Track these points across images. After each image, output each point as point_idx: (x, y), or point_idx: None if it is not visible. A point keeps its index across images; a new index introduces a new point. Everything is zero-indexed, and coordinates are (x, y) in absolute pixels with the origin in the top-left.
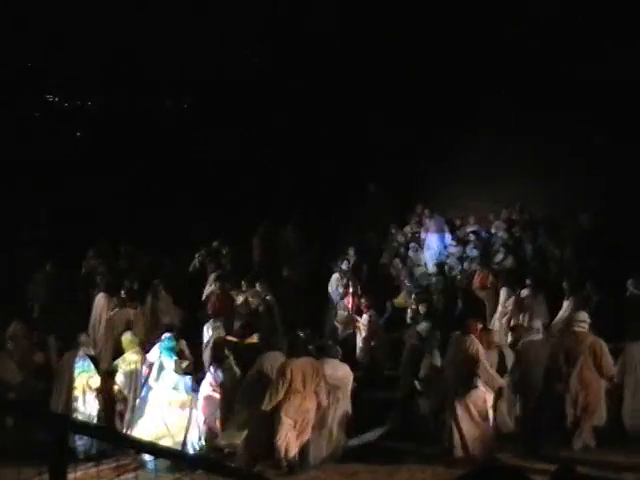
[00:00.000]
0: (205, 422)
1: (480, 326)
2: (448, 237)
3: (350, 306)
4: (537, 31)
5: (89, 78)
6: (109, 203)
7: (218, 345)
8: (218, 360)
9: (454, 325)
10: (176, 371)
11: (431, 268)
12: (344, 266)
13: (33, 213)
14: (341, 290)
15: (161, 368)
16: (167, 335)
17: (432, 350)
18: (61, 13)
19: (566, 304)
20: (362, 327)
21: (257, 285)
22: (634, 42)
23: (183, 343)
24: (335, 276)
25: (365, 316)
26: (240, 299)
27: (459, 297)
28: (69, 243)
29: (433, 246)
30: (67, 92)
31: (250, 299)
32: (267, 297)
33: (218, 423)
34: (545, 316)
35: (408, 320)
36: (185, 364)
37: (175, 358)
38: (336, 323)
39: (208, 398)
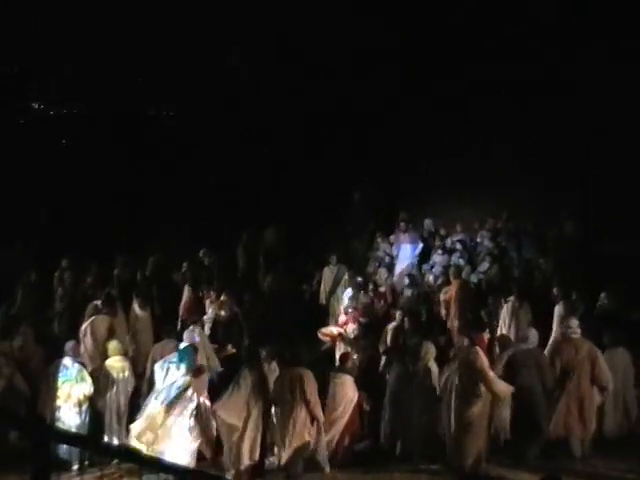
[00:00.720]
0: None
1: (487, 336)
2: (419, 249)
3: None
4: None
5: (74, 85)
6: (94, 210)
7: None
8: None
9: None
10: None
11: (404, 280)
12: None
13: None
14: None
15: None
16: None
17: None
18: (47, 20)
19: (558, 309)
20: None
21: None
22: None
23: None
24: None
25: (352, 327)
26: (209, 310)
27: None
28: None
29: (404, 258)
30: (51, 99)
31: (217, 311)
32: (234, 308)
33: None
34: (530, 325)
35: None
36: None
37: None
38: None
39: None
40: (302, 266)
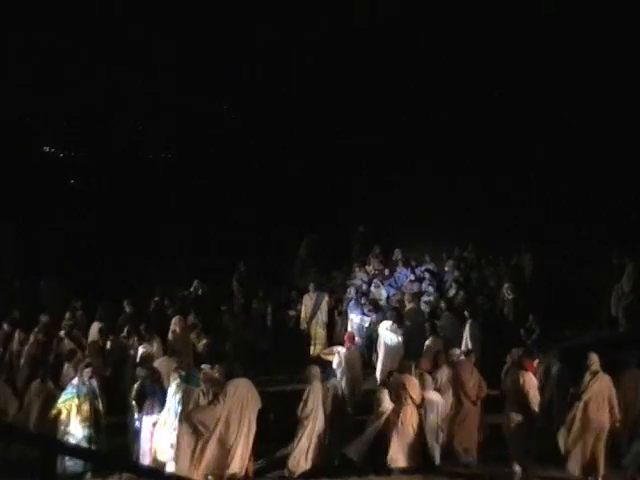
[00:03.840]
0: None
1: (536, 362)
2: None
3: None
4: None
5: (80, 131)
6: (99, 245)
7: None
8: None
9: None
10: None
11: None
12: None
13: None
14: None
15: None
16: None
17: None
18: (53, 73)
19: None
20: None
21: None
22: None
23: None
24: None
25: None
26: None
27: None
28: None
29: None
30: (61, 144)
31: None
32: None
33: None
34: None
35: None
36: None
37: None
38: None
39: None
40: (286, 294)
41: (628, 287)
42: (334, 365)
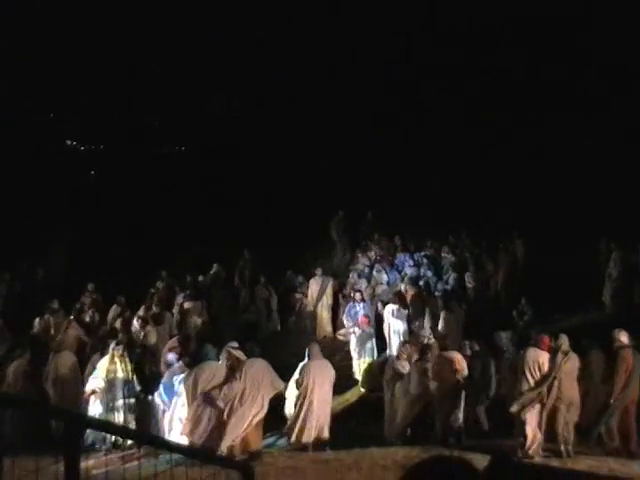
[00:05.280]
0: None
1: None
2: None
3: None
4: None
5: (101, 126)
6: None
7: None
8: None
9: None
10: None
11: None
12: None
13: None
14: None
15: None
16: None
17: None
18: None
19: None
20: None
21: None
22: None
23: None
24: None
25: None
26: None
27: None
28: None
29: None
30: (83, 138)
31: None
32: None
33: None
34: None
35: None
36: None
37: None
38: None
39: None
40: (294, 278)
41: (615, 272)
42: (351, 345)
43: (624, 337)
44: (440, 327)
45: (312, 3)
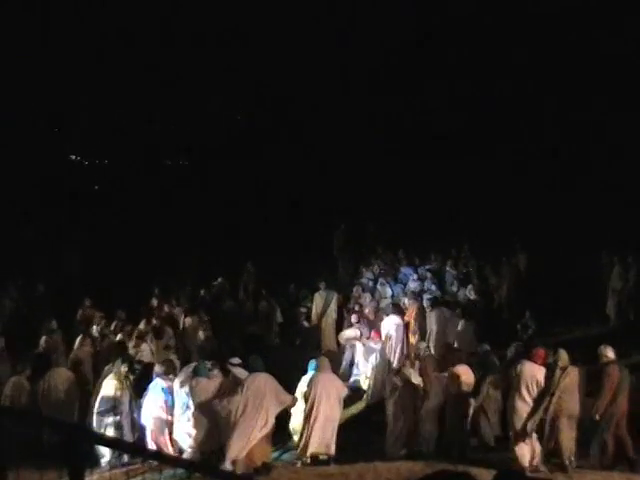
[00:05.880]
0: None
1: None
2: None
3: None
4: None
5: (104, 141)
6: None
7: None
8: None
9: None
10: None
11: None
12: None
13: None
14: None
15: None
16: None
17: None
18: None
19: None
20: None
21: None
22: None
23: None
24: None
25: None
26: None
27: None
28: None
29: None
30: (86, 152)
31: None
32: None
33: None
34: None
35: None
36: None
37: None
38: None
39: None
40: (297, 292)
41: (618, 285)
42: (358, 356)
43: (610, 353)
44: (456, 336)
45: (312, 3)
